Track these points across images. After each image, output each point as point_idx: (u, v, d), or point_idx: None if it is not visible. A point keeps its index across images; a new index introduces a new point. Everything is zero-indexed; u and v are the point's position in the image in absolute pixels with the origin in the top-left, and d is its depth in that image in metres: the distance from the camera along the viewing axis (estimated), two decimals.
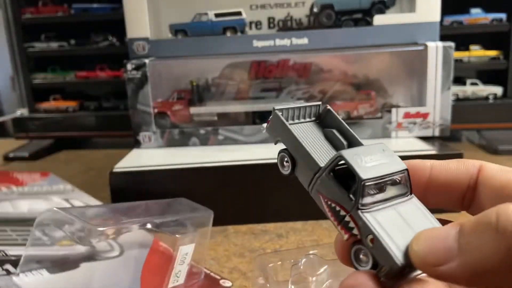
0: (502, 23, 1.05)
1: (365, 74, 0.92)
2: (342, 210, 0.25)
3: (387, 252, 0.23)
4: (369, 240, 0.24)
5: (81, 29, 1.23)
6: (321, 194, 0.26)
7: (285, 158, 0.29)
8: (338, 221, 0.25)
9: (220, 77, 0.93)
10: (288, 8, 0.97)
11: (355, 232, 0.24)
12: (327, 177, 0.26)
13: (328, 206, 0.26)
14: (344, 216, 0.25)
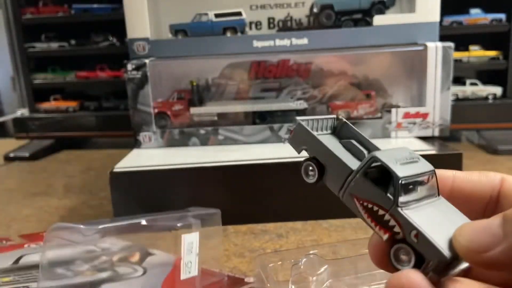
0: (502, 23, 1.06)
1: (365, 74, 0.92)
2: (381, 209, 0.25)
3: (434, 245, 0.23)
4: (413, 236, 0.24)
5: (81, 29, 1.23)
6: (356, 196, 0.26)
7: (310, 167, 0.29)
8: (376, 222, 0.25)
9: (220, 77, 0.93)
10: (288, 8, 0.97)
11: (396, 230, 0.24)
12: (362, 179, 0.26)
13: (364, 208, 0.26)
14: (383, 216, 0.25)
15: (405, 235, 0.24)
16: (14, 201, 0.89)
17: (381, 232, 0.25)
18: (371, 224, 0.26)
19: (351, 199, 0.26)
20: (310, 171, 0.29)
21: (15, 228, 0.75)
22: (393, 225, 0.24)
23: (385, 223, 0.25)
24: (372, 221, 0.25)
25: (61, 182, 0.99)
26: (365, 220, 0.26)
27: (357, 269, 0.59)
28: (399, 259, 0.25)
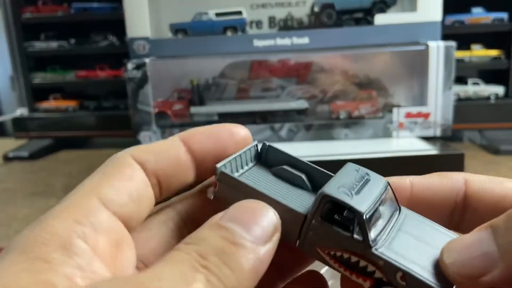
0: (504, 23, 1.05)
1: (366, 73, 0.91)
2: (353, 256, 0.21)
3: (425, 283, 0.20)
4: (399, 279, 0.20)
5: (81, 28, 1.23)
6: (319, 246, 0.22)
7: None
8: (351, 270, 0.21)
9: (220, 77, 0.92)
10: (289, 7, 0.97)
11: (377, 275, 0.21)
12: (320, 225, 0.21)
13: (332, 258, 0.22)
14: (357, 262, 0.21)
15: (390, 280, 0.21)
16: (13, 201, 0.88)
17: (360, 280, 0.21)
18: (345, 273, 0.22)
19: (314, 250, 0.22)
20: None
21: (14, 228, 0.75)
22: (373, 271, 0.21)
23: (362, 270, 0.21)
24: (345, 270, 0.22)
25: (60, 182, 0.99)
26: (337, 270, 0.22)
27: None
28: None
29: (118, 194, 0.21)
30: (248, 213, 0.20)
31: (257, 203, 0.21)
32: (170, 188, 0.24)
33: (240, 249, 0.19)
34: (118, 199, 0.21)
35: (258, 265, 0.19)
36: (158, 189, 0.23)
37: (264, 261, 0.19)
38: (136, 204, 0.22)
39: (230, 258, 0.18)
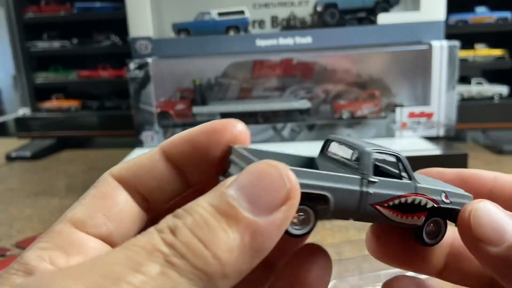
0: (508, 22, 1.04)
1: (369, 73, 0.91)
2: (405, 198, 0.24)
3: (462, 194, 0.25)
4: (444, 198, 0.25)
5: (83, 28, 1.23)
6: (378, 204, 0.23)
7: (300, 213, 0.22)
8: (407, 212, 0.24)
9: (223, 77, 0.92)
10: (292, 7, 0.96)
11: (429, 205, 0.24)
12: (377, 182, 0.23)
13: (391, 209, 0.24)
14: (412, 202, 0.24)
15: (439, 203, 0.24)
16: (15, 201, 0.88)
17: (416, 218, 0.24)
18: (402, 220, 0.24)
19: (373, 211, 0.23)
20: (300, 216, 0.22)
21: (16, 228, 0.74)
22: (425, 203, 0.24)
23: (417, 207, 0.24)
24: (402, 216, 0.24)
25: (63, 182, 0.99)
26: (392, 221, 0.24)
27: (361, 269, 0.58)
28: (432, 234, 0.25)
29: (92, 215, 0.21)
30: (253, 175, 0.18)
31: (271, 163, 0.18)
32: (160, 199, 0.24)
33: (230, 221, 0.17)
34: (92, 220, 0.21)
35: (254, 239, 0.17)
36: (145, 203, 0.23)
37: (266, 234, 0.17)
38: (116, 222, 0.22)
39: (210, 234, 0.17)
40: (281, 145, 0.86)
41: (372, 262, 0.61)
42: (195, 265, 0.16)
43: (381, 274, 0.57)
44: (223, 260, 0.17)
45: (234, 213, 0.17)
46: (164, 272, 0.16)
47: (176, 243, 0.17)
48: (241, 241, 0.17)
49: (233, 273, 0.17)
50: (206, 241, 0.17)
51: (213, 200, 0.18)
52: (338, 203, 0.22)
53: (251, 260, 0.18)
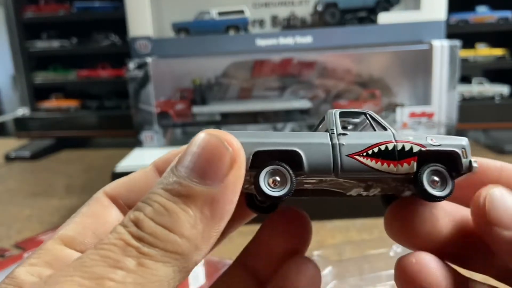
0: (509, 22, 1.04)
1: (370, 72, 0.91)
2: (384, 144, 0.23)
3: (452, 137, 0.23)
4: (430, 141, 0.23)
5: (82, 27, 1.22)
6: (356, 154, 0.22)
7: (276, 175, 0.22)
8: (392, 159, 0.23)
9: (223, 76, 0.92)
10: (292, 6, 0.96)
11: (415, 149, 0.23)
12: (347, 134, 0.23)
13: (373, 158, 0.22)
14: (393, 149, 0.23)
15: (426, 146, 0.23)
16: (15, 201, 0.88)
17: (406, 166, 0.23)
18: (390, 169, 0.23)
19: (353, 161, 0.22)
20: (277, 180, 0.22)
21: (16, 228, 0.74)
22: (410, 148, 0.23)
23: (402, 152, 0.23)
24: (389, 164, 0.23)
25: (62, 182, 0.99)
26: (381, 172, 0.23)
27: (362, 270, 0.58)
28: (435, 183, 0.23)
29: (81, 233, 0.22)
30: (195, 148, 0.19)
31: (209, 133, 0.20)
32: None
33: (186, 200, 0.18)
34: (81, 238, 0.22)
35: (214, 209, 0.18)
36: None
37: (224, 200, 0.19)
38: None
39: (171, 218, 0.18)
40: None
41: (372, 262, 0.61)
42: (166, 249, 0.18)
43: (381, 275, 0.57)
44: (190, 236, 0.18)
45: (187, 191, 0.18)
46: (140, 263, 0.17)
47: (143, 235, 0.18)
48: (202, 215, 0.18)
49: (204, 244, 0.18)
50: (170, 225, 0.18)
51: (166, 184, 0.19)
52: (311, 158, 0.22)
53: (217, 227, 0.19)
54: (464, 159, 0.23)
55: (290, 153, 0.22)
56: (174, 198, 0.18)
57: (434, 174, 0.23)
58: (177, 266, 0.18)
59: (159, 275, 0.17)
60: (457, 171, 0.23)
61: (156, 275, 0.17)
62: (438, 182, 0.23)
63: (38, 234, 0.70)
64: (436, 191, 0.23)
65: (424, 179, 0.23)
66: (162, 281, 0.17)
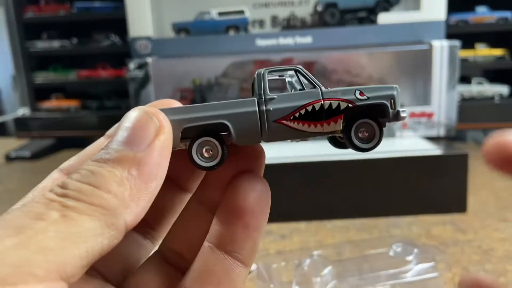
0: (508, 22, 1.04)
1: (370, 73, 0.91)
2: (311, 105, 0.23)
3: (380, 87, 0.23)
4: (358, 95, 0.23)
5: (83, 27, 1.22)
6: (282, 119, 0.23)
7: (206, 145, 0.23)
8: (320, 119, 0.23)
9: (223, 76, 0.92)
10: (292, 6, 0.96)
11: (342, 106, 0.23)
12: (276, 97, 0.23)
13: (299, 121, 0.23)
14: (320, 108, 0.23)
15: (354, 102, 0.23)
16: (15, 201, 0.88)
17: (333, 124, 0.23)
18: (317, 129, 0.23)
19: (280, 127, 0.23)
20: (208, 150, 0.23)
21: None
22: (337, 105, 0.23)
23: (329, 111, 0.23)
24: (316, 125, 0.23)
25: None
26: (308, 133, 0.23)
27: (362, 270, 0.58)
28: (364, 137, 0.24)
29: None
30: (126, 124, 0.20)
31: (140, 109, 0.21)
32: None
33: (113, 163, 0.19)
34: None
35: (141, 170, 0.19)
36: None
37: (151, 162, 0.19)
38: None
39: (97, 178, 0.18)
40: (281, 145, 0.85)
41: (372, 262, 0.61)
42: (92, 202, 0.18)
43: (381, 275, 0.57)
44: (117, 192, 0.18)
45: (115, 157, 0.19)
46: (64, 214, 0.17)
47: (68, 192, 0.18)
48: (129, 174, 0.19)
49: (133, 202, 0.19)
50: (96, 183, 0.18)
51: (96, 156, 0.19)
52: (238, 128, 0.23)
53: (147, 186, 0.19)
54: (392, 110, 0.24)
55: (218, 125, 0.23)
56: (101, 164, 0.19)
57: (363, 126, 0.24)
58: (104, 221, 0.18)
59: (84, 226, 0.17)
60: (386, 120, 0.24)
61: (81, 226, 0.17)
62: (366, 133, 0.24)
63: None
64: (364, 143, 0.24)
65: (352, 135, 0.23)
66: (88, 234, 0.17)
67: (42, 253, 0.16)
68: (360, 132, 0.24)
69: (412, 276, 0.57)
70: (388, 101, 0.23)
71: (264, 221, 0.24)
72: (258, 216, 0.23)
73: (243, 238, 0.23)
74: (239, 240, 0.23)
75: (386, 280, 0.56)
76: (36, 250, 0.16)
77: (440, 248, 0.63)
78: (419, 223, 0.69)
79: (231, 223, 0.23)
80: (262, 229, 0.24)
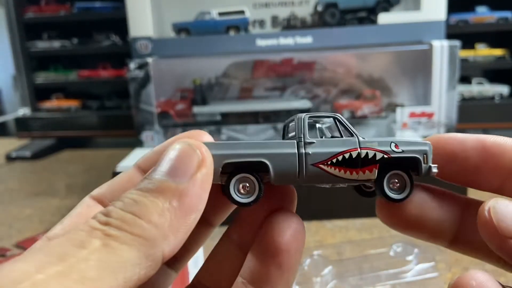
0: (508, 22, 1.04)
1: (370, 73, 0.91)
2: (348, 153, 0.24)
3: (415, 141, 0.24)
4: (393, 148, 0.24)
5: (83, 28, 1.23)
6: (321, 163, 0.24)
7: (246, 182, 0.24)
8: (356, 167, 0.24)
9: (223, 76, 0.92)
10: (292, 6, 0.96)
11: (378, 156, 0.24)
12: (314, 142, 0.24)
13: (336, 167, 0.24)
14: (357, 156, 0.24)
15: (389, 153, 0.24)
16: (15, 201, 0.88)
17: (368, 173, 0.24)
18: (352, 176, 0.24)
19: (317, 170, 0.24)
20: (246, 187, 0.24)
21: (16, 228, 0.74)
22: (373, 155, 0.24)
23: (365, 160, 0.24)
24: (352, 172, 0.24)
25: (63, 182, 0.99)
26: (343, 180, 0.24)
27: (362, 270, 0.58)
28: (394, 186, 0.25)
29: (64, 231, 0.22)
30: (170, 155, 0.21)
31: (184, 142, 0.21)
32: None
33: (155, 193, 0.19)
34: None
35: (182, 201, 0.19)
36: None
37: (191, 194, 0.20)
38: None
39: (140, 207, 0.19)
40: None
41: (372, 262, 0.61)
42: (132, 232, 0.18)
43: (381, 275, 0.57)
44: (157, 223, 0.18)
45: (157, 187, 0.19)
46: (105, 243, 0.17)
47: (111, 220, 0.18)
48: (170, 205, 0.19)
49: (172, 233, 0.19)
50: (138, 212, 0.18)
51: (139, 185, 0.20)
52: (277, 168, 0.23)
53: (186, 219, 0.20)
54: (424, 164, 0.24)
55: (258, 163, 0.23)
56: (144, 193, 0.19)
57: (394, 177, 0.25)
58: (143, 252, 0.18)
59: (123, 256, 0.17)
60: (417, 174, 0.25)
61: (121, 255, 0.17)
62: (397, 184, 0.24)
63: (39, 234, 0.70)
64: (395, 193, 0.24)
65: (384, 184, 0.24)
66: (126, 263, 0.17)
67: (83, 283, 0.16)
68: (391, 183, 0.24)
69: (412, 276, 0.57)
70: (421, 155, 0.24)
71: (298, 259, 0.24)
72: (292, 254, 0.24)
73: (276, 276, 0.24)
74: (273, 279, 0.24)
75: (386, 280, 0.56)
76: (78, 280, 0.16)
77: (440, 248, 0.63)
78: None
79: (265, 261, 0.24)
80: (295, 269, 0.24)
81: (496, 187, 0.24)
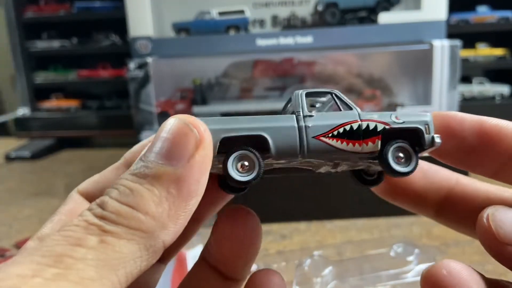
0: (509, 22, 1.04)
1: (370, 72, 0.91)
2: (349, 124, 0.23)
3: (416, 113, 0.24)
4: (394, 119, 0.24)
5: (83, 27, 1.22)
6: (322, 135, 0.23)
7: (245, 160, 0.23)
8: (357, 139, 0.23)
9: (223, 76, 0.92)
10: (292, 6, 0.96)
11: (379, 127, 0.23)
12: (313, 115, 0.23)
13: (338, 138, 0.23)
14: (358, 128, 0.23)
15: (390, 124, 0.23)
16: (15, 201, 0.88)
17: (371, 144, 0.23)
18: (355, 148, 0.23)
19: (319, 143, 0.23)
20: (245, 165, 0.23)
21: (16, 228, 0.74)
22: (374, 127, 0.23)
23: (366, 131, 0.23)
24: (354, 144, 0.23)
25: (62, 182, 0.99)
26: (346, 152, 0.23)
27: (362, 270, 0.58)
28: (399, 159, 0.24)
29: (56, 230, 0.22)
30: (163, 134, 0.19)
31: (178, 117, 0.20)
32: None
33: (151, 180, 0.18)
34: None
35: (180, 187, 0.18)
36: None
37: (190, 179, 0.19)
38: None
39: (135, 197, 0.18)
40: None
41: (372, 262, 0.61)
42: (130, 226, 0.17)
43: (382, 275, 0.57)
44: (155, 214, 0.18)
45: (153, 172, 0.18)
46: (102, 240, 0.17)
47: (106, 214, 0.17)
48: (167, 193, 0.18)
49: (171, 222, 0.18)
50: (134, 204, 0.18)
51: (133, 170, 0.19)
52: (277, 141, 0.23)
53: (185, 205, 0.19)
54: (427, 135, 0.24)
55: (257, 138, 0.22)
56: (140, 180, 0.18)
57: (399, 151, 0.24)
58: (142, 244, 0.17)
59: (122, 252, 0.17)
60: (421, 146, 0.24)
61: (120, 251, 0.17)
62: (402, 158, 0.24)
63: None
64: (401, 167, 0.24)
65: (389, 157, 0.23)
66: (126, 258, 0.17)
67: (82, 284, 0.16)
68: (396, 157, 0.24)
69: (413, 277, 0.57)
70: (423, 126, 0.24)
71: None
72: None
73: None
74: None
75: (387, 281, 0.56)
76: (76, 281, 0.16)
77: (440, 248, 0.63)
78: (420, 223, 0.69)
79: None
80: None
81: (491, 172, 0.24)
